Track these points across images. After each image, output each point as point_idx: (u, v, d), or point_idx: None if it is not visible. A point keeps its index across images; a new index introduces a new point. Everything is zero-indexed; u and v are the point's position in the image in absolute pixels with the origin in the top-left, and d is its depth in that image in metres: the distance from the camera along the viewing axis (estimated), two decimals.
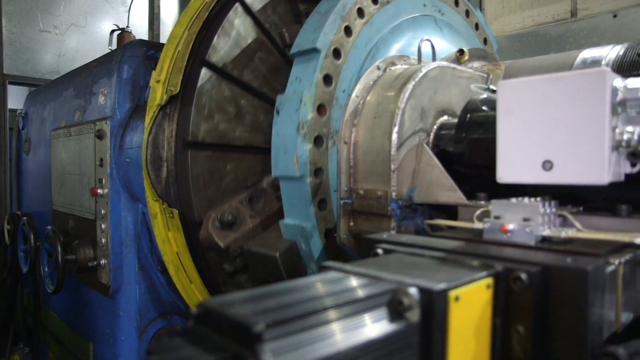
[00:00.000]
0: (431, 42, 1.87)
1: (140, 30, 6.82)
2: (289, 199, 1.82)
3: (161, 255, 2.49)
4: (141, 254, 2.88)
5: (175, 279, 2.49)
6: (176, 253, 2.44)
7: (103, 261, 2.85)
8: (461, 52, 1.96)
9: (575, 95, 1.04)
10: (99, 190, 2.85)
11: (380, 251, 1.11)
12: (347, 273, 0.87)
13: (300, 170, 1.72)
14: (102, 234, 2.85)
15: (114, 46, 4.84)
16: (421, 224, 1.56)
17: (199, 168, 2.32)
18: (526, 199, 1.19)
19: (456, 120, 1.55)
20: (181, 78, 2.33)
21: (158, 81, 2.38)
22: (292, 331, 0.64)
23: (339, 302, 0.73)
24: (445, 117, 1.67)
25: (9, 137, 5.05)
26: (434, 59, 1.89)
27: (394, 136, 1.54)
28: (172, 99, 2.38)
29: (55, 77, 4.50)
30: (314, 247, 1.78)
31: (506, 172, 1.15)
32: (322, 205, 1.79)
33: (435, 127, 1.64)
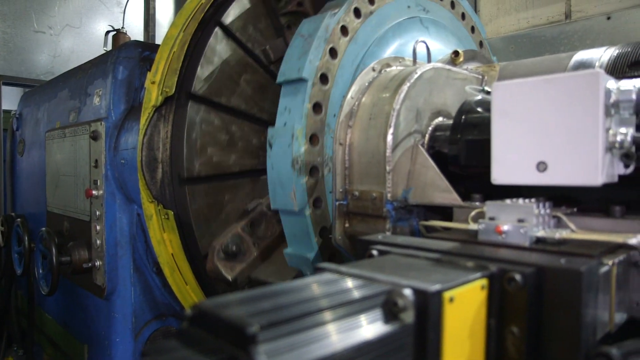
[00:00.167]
0: (426, 44, 1.87)
1: (136, 32, 6.80)
2: (291, 230, 1.84)
3: (156, 257, 2.49)
4: (136, 256, 2.87)
5: (171, 281, 2.49)
6: (171, 254, 2.44)
7: (98, 263, 2.84)
8: (456, 53, 1.97)
9: (569, 97, 1.05)
10: (94, 192, 2.84)
11: (375, 252, 1.11)
12: (342, 274, 0.87)
13: (299, 204, 1.73)
14: (97, 235, 2.84)
15: (109, 47, 4.82)
16: (416, 225, 1.56)
17: (198, 203, 2.33)
18: (521, 200, 1.19)
19: (451, 122, 1.56)
20: (176, 79, 2.33)
21: (153, 82, 2.38)
22: (287, 333, 0.64)
23: (333, 303, 0.73)
24: (440, 119, 1.67)
25: (3, 138, 5.02)
26: (429, 60, 1.90)
27: (389, 137, 1.55)
28: (167, 100, 2.38)
29: (49, 78, 4.48)
30: None
31: (501, 173, 1.15)
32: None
33: (430, 128, 1.64)
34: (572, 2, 4.26)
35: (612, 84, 1.05)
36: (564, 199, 1.30)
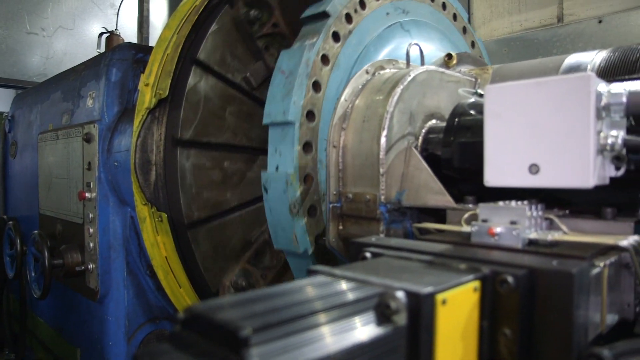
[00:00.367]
0: (419, 47, 1.88)
1: (130, 33, 6.79)
2: (296, 267, 1.84)
3: (150, 260, 2.48)
4: (130, 259, 2.86)
5: (164, 283, 2.48)
6: (165, 257, 2.43)
7: (91, 266, 2.83)
8: (449, 56, 1.98)
9: (560, 100, 1.05)
10: (87, 194, 2.82)
11: (368, 255, 1.11)
12: (335, 277, 0.88)
13: (302, 246, 1.73)
14: (90, 238, 2.83)
15: (102, 49, 4.80)
16: (410, 227, 1.56)
17: (203, 246, 2.33)
18: (513, 203, 1.19)
19: (444, 124, 1.56)
20: (170, 81, 2.32)
21: (147, 84, 2.37)
22: (280, 335, 0.64)
23: (326, 306, 0.73)
24: (433, 121, 1.68)
25: None
26: (422, 63, 1.90)
27: (383, 140, 1.55)
28: (161, 103, 2.38)
29: (42, 79, 4.46)
30: None
31: (493, 175, 1.16)
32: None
33: (423, 130, 1.65)
34: (564, 6, 4.29)
35: (603, 87, 1.06)
36: (557, 200, 1.31)
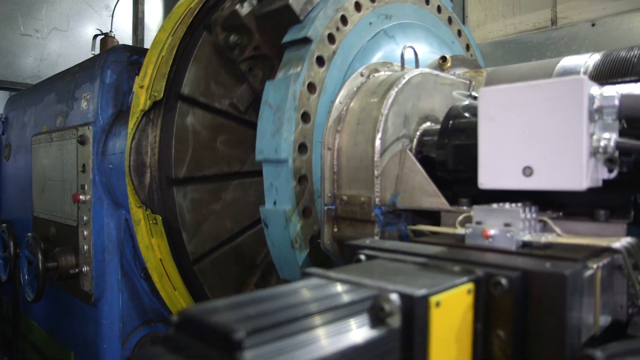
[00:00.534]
0: (414, 49, 1.89)
1: (124, 35, 6.77)
2: None
3: (144, 262, 2.47)
4: (124, 261, 2.85)
5: (159, 286, 2.47)
6: (160, 260, 2.42)
7: (85, 268, 2.81)
8: (444, 59, 1.98)
9: (553, 103, 1.06)
10: (81, 197, 2.81)
11: (362, 257, 1.11)
12: (329, 279, 0.88)
13: None
14: (85, 240, 2.81)
15: (97, 51, 4.79)
16: (404, 229, 1.57)
17: (209, 278, 2.33)
18: (507, 205, 1.20)
19: (439, 127, 1.57)
20: (165, 84, 2.32)
21: (141, 87, 2.37)
22: (273, 338, 0.64)
23: (320, 308, 0.73)
24: (428, 124, 1.68)
25: None
26: (417, 65, 1.91)
27: (377, 142, 1.55)
28: (155, 105, 2.37)
29: (36, 81, 4.45)
30: None
31: (487, 178, 1.16)
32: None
33: (418, 133, 1.65)
34: (558, 9, 4.32)
35: (595, 90, 1.07)
36: (552, 202, 1.31)
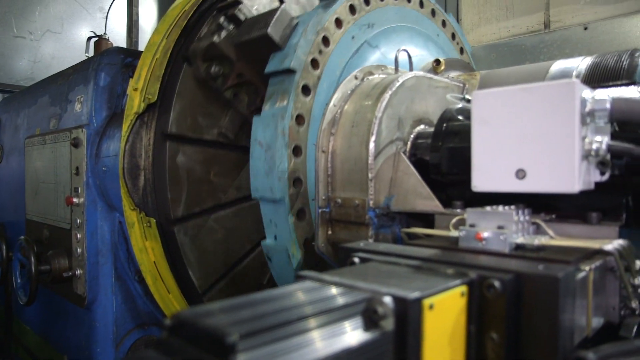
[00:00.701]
0: (408, 52, 1.89)
1: (118, 38, 6.73)
2: None
3: (138, 265, 2.46)
4: (118, 264, 2.83)
5: (153, 289, 2.46)
6: (154, 263, 2.41)
7: (78, 271, 2.80)
8: (437, 62, 1.99)
9: (546, 106, 1.07)
10: (75, 199, 2.80)
11: (356, 260, 1.11)
12: (323, 282, 0.88)
13: None
14: (78, 243, 2.80)
15: (91, 53, 4.77)
16: (399, 232, 1.57)
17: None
18: (500, 207, 1.20)
19: (433, 130, 1.57)
20: (159, 86, 2.31)
21: (136, 89, 2.36)
22: (267, 341, 0.64)
23: (314, 311, 0.73)
24: (422, 126, 1.69)
25: None
26: (411, 68, 1.92)
27: (372, 145, 1.55)
28: (149, 107, 2.36)
29: (29, 83, 4.42)
30: None
31: (481, 180, 1.17)
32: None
33: (412, 136, 1.66)
34: (551, 13, 4.35)
35: (587, 93, 1.07)
36: (545, 205, 1.32)
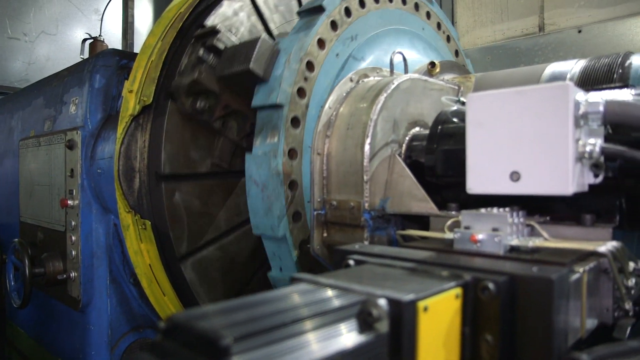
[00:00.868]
0: (403, 55, 1.90)
1: (114, 39, 6.72)
2: None
3: (133, 268, 2.45)
4: (113, 267, 2.82)
5: (148, 292, 2.45)
6: (149, 265, 2.40)
7: (73, 274, 2.78)
8: (432, 64, 2.00)
9: (540, 108, 1.07)
10: (69, 202, 2.78)
11: (351, 262, 1.11)
12: (318, 285, 0.88)
13: None
14: (72, 246, 2.78)
15: (86, 55, 4.76)
16: (394, 234, 1.57)
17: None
18: (495, 209, 1.21)
19: (428, 132, 1.58)
20: (154, 88, 2.31)
21: (131, 91, 2.36)
22: (261, 344, 0.64)
23: (309, 314, 0.73)
24: (417, 129, 1.69)
25: None
26: (406, 71, 1.92)
27: (367, 147, 1.56)
28: (145, 110, 2.36)
29: (24, 85, 4.40)
30: None
31: (476, 183, 1.17)
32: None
33: (407, 138, 1.66)
34: (545, 16, 4.38)
35: (581, 95, 1.08)
36: (540, 207, 1.32)
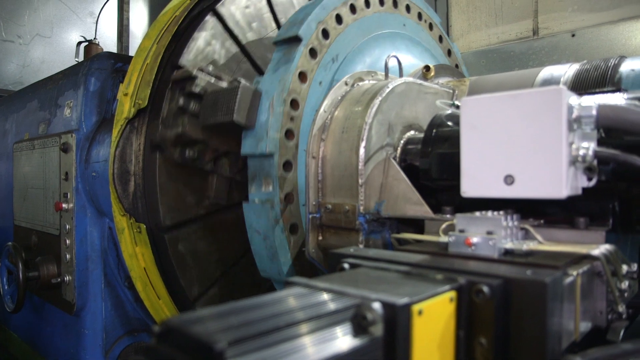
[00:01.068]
0: (398, 59, 1.91)
1: (109, 42, 6.72)
2: None
3: (128, 271, 2.44)
4: (108, 270, 2.81)
5: (143, 295, 2.44)
6: (144, 268, 2.39)
7: (67, 278, 2.77)
8: (427, 68, 2.01)
9: (533, 112, 1.08)
10: (64, 205, 2.77)
11: (346, 266, 1.11)
12: (312, 288, 0.88)
13: None
14: (67, 249, 2.77)
15: (80, 58, 4.76)
16: (389, 237, 1.57)
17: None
18: (489, 213, 1.21)
19: (422, 135, 1.58)
20: (149, 92, 2.30)
21: (126, 94, 2.35)
22: (255, 348, 0.64)
23: (303, 318, 0.73)
24: (412, 132, 1.70)
25: None
26: (400, 74, 1.93)
27: (362, 151, 1.56)
28: (140, 113, 2.35)
29: (18, 88, 4.39)
30: None
31: (470, 186, 1.18)
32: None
33: (402, 141, 1.66)
34: (539, 20, 4.41)
35: (574, 99, 1.09)
36: (535, 210, 1.33)
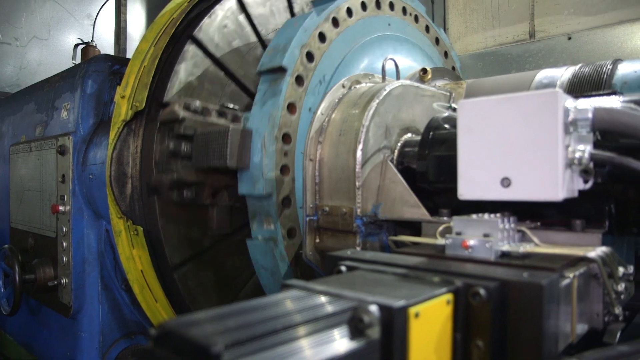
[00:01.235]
0: (395, 61, 1.91)
1: (106, 45, 6.71)
2: None
3: (125, 274, 2.43)
4: (104, 273, 2.80)
5: (140, 298, 2.43)
6: (141, 271, 2.39)
7: (64, 280, 2.76)
8: (424, 71, 2.01)
9: (530, 115, 1.08)
10: (61, 207, 2.77)
11: (343, 268, 1.11)
12: (309, 291, 0.88)
13: None
14: (64, 252, 2.76)
15: (78, 60, 4.75)
16: (386, 240, 1.58)
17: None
18: (486, 215, 1.22)
19: (419, 138, 1.58)
20: (147, 94, 2.30)
21: (123, 97, 2.35)
22: (252, 351, 0.64)
23: (300, 320, 0.73)
24: (409, 135, 1.70)
25: None
26: (397, 77, 1.93)
27: (359, 153, 1.56)
28: (137, 115, 2.35)
29: (15, 90, 4.38)
30: None
31: (467, 189, 1.18)
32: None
33: (399, 144, 1.67)
34: (536, 22, 4.42)
35: (570, 102, 1.09)
36: (533, 212, 1.33)
